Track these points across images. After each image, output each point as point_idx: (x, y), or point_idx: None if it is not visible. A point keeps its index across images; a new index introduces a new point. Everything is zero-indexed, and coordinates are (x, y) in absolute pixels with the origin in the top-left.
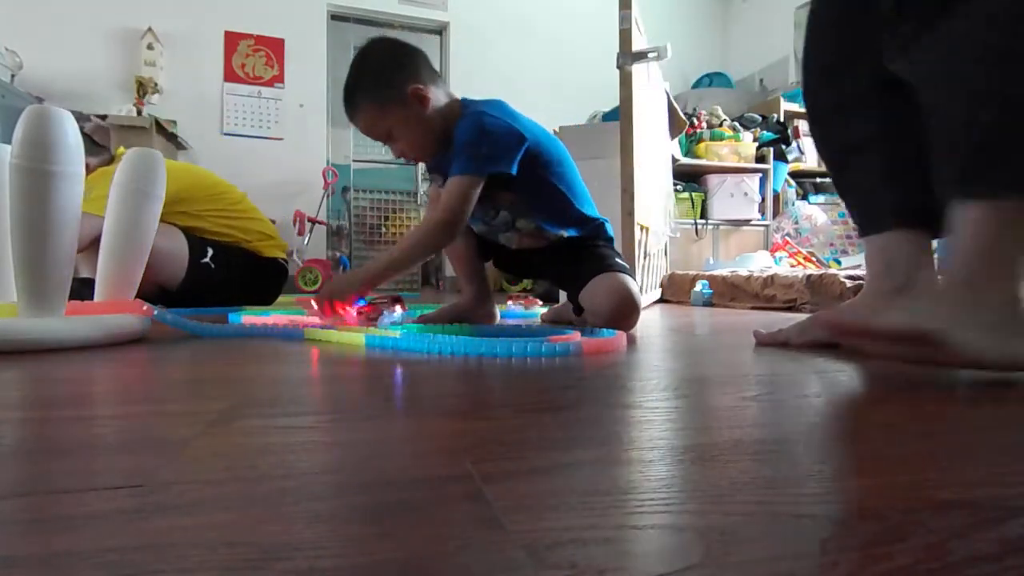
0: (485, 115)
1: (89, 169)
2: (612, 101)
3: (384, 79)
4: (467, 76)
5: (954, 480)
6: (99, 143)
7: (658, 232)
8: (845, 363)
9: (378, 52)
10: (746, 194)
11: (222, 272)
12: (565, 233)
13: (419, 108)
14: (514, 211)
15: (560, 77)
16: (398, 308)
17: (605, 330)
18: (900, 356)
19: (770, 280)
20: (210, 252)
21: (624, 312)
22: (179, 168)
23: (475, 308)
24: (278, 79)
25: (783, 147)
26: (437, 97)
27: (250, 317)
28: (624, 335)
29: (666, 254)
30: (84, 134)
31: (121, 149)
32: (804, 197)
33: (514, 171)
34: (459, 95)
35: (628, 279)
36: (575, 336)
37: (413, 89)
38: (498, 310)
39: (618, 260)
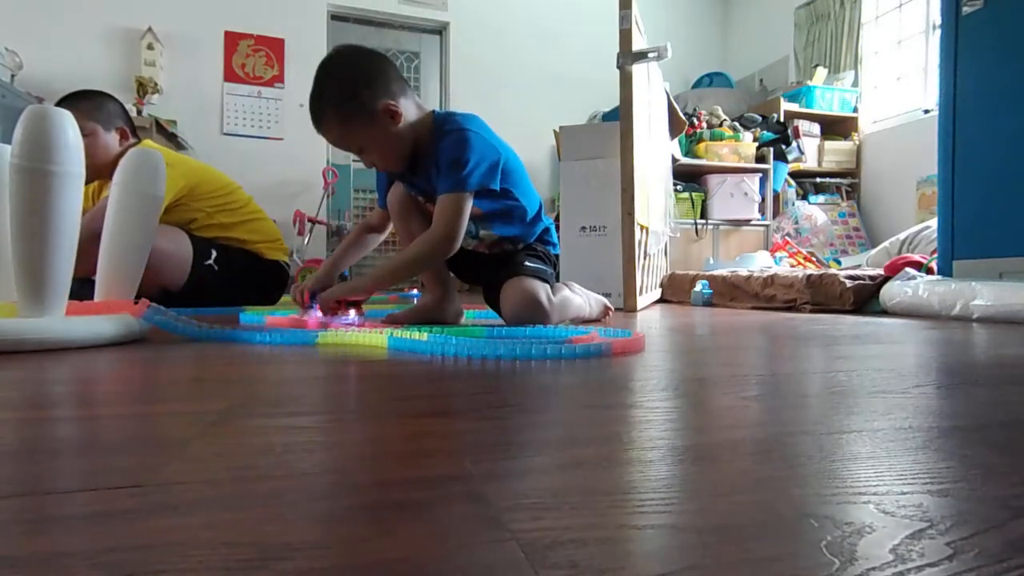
0: (469, 132)
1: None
2: (612, 101)
3: (353, 95)
4: (467, 76)
5: (955, 477)
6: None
7: (658, 232)
8: (845, 362)
9: (344, 65)
10: (746, 194)
11: (225, 274)
12: (521, 243)
13: (390, 123)
14: (478, 223)
15: (560, 77)
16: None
17: (621, 331)
18: None
19: (770, 280)
20: (214, 254)
21: (525, 314)
22: (191, 163)
23: (443, 307)
24: (278, 79)
25: (783, 147)
26: (408, 111)
27: (273, 318)
28: (643, 336)
29: (666, 254)
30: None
31: (147, 141)
32: (804, 197)
33: (497, 187)
34: (459, 95)
35: (534, 282)
36: (595, 337)
37: (384, 106)
38: (463, 309)
39: (534, 264)
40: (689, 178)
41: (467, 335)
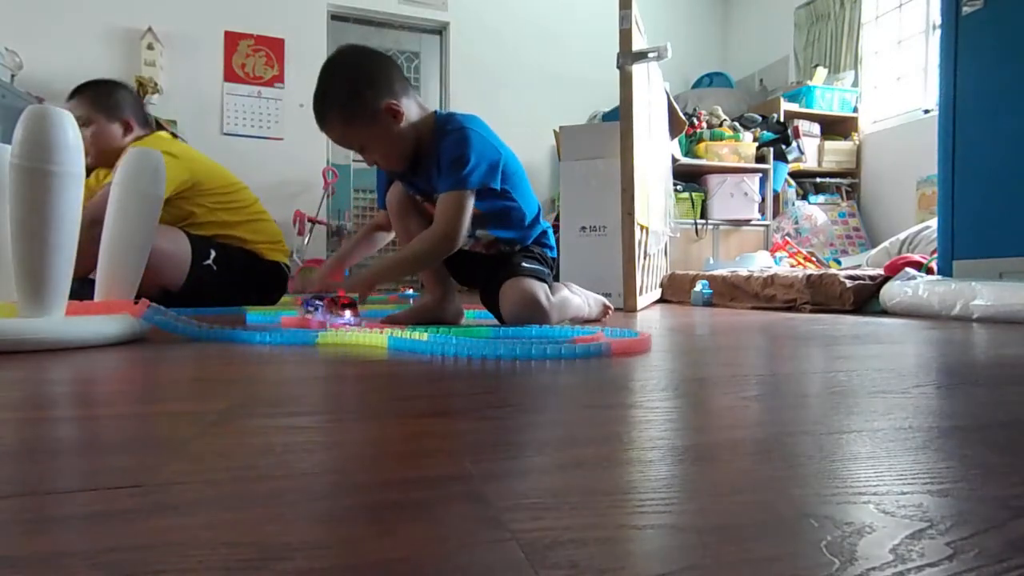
0: (470, 131)
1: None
2: (612, 101)
3: (355, 95)
4: (467, 76)
5: (955, 477)
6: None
7: (658, 232)
8: (845, 362)
9: (348, 65)
10: (746, 194)
11: (224, 274)
12: (518, 246)
13: (392, 123)
14: (476, 223)
15: (560, 77)
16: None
17: (628, 331)
18: None
19: (770, 280)
20: (213, 254)
21: (525, 315)
22: (198, 157)
23: (443, 307)
24: (278, 79)
25: (783, 147)
26: (410, 110)
27: (289, 318)
28: (649, 336)
29: (666, 254)
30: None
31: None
32: (804, 197)
33: (498, 187)
34: (459, 95)
35: (533, 282)
36: (600, 337)
37: (387, 105)
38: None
39: (532, 265)
40: (689, 178)
41: (470, 335)
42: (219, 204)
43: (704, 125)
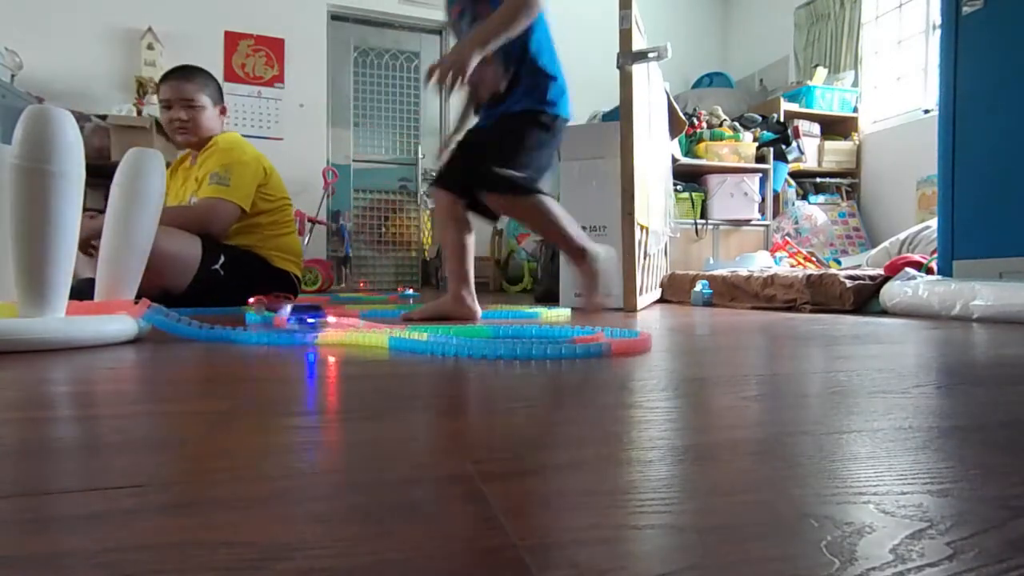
0: None
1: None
2: (612, 101)
3: None
4: None
5: (955, 477)
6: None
7: (658, 232)
8: (845, 362)
9: None
10: (746, 194)
11: (231, 278)
12: (510, 71)
13: None
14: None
15: None
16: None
17: (628, 331)
18: None
19: (770, 280)
20: (222, 260)
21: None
22: (268, 163)
23: (459, 306)
24: (278, 79)
25: (783, 147)
26: None
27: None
28: (649, 336)
29: (666, 254)
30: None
31: (231, 133)
32: (804, 197)
33: None
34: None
35: (498, 198)
36: (600, 337)
37: None
38: (480, 309)
39: (504, 172)
40: (689, 178)
41: (470, 335)
42: (271, 207)
43: (704, 125)
